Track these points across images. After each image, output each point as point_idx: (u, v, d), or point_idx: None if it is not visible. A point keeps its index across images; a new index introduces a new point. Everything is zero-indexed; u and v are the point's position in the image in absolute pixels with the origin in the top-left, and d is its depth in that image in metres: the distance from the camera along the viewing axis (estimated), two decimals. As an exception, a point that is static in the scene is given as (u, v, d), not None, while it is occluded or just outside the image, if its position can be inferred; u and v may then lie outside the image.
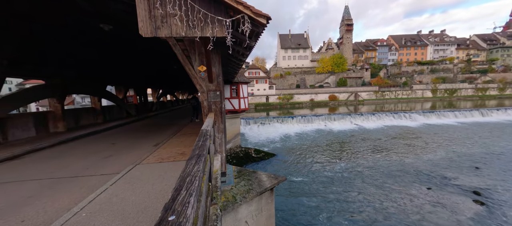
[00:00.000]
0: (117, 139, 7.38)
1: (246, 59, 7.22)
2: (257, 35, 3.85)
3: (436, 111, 34.57)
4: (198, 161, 1.22)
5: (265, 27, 3.49)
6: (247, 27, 3.23)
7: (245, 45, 3.62)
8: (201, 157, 1.32)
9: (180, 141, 6.20)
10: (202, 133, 2.04)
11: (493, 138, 21.12)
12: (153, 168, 4.01)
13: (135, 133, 8.56)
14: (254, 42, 4.24)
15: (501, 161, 15.12)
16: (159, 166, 4.10)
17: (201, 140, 1.76)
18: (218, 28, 3.27)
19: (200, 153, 1.38)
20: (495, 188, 11.25)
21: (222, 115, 4.40)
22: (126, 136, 8.03)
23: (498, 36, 68.96)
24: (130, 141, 6.92)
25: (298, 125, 30.98)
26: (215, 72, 4.18)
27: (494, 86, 55.22)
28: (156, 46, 8.15)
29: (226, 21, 3.22)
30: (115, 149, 5.90)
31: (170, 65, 11.79)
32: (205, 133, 2.04)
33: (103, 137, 8.12)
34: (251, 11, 3.15)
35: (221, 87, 4.33)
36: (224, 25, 3.26)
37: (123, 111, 15.18)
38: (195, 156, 1.33)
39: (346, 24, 62.91)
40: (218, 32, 3.28)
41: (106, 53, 9.94)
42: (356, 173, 13.83)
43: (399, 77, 61.47)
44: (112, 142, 6.91)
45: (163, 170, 3.86)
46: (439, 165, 14.92)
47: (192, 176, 0.99)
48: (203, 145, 1.61)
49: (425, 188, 11.62)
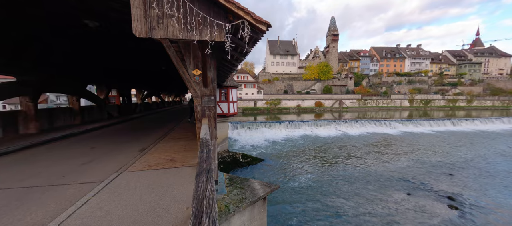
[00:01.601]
0: (97, 143, 6.87)
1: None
2: (255, 42, 3.81)
3: (413, 120, 36.82)
4: (209, 178, 1.11)
5: (264, 34, 3.46)
6: (247, 33, 3.17)
7: (244, 51, 3.56)
8: (211, 173, 1.21)
9: (168, 146, 5.90)
10: (203, 143, 1.91)
11: (463, 146, 22.86)
12: (140, 176, 3.74)
13: (117, 136, 8.04)
14: (251, 48, 4.19)
15: (471, 168, 16.36)
16: (147, 174, 3.83)
17: (205, 151, 1.64)
18: (217, 32, 3.18)
19: (208, 167, 1.27)
20: (466, 194, 12.11)
21: (215, 121, 4.26)
22: (107, 139, 7.51)
23: (466, 52, 75.79)
24: (112, 145, 6.47)
25: (285, 130, 31.32)
26: (210, 77, 4.06)
27: (463, 98, 60.21)
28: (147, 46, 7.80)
29: (225, 25, 3.14)
30: (96, 154, 5.46)
31: (158, 65, 11.35)
32: (206, 143, 1.91)
33: (82, 140, 7.53)
34: (252, 18, 3.11)
35: (216, 93, 4.20)
36: (223, 29, 3.18)
37: (104, 113, 14.30)
38: (203, 171, 1.22)
39: (332, 34, 65.50)
40: (217, 36, 3.18)
41: (89, 50, 9.34)
42: (341, 178, 14.16)
43: (380, 87, 64.89)
44: (92, 145, 6.41)
45: (151, 179, 3.60)
46: (417, 171, 15.77)
47: (208, 197, 0.89)
48: (208, 157, 1.49)
49: (405, 193, 12.19)
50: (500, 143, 24.18)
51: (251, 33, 3.21)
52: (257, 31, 3.33)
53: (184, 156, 4.81)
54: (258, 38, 3.53)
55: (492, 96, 60.70)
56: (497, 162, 17.38)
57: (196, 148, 5.40)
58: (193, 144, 5.98)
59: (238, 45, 4.08)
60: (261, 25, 3.17)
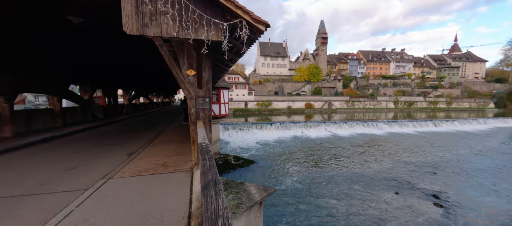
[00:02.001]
0: (81, 146, 6.44)
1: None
2: (252, 42, 3.72)
3: (398, 121, 38.27)
4: (218, 191, 0.99)
5: (262, 34, 3.37)
6: (245, 33, 3.07)
7: (242, 51, 3.44)
8: (219, 184, 1.08)
9: (159, 150, 5.63)
10: (203, 149, 1.77)
11: (444, 146, 24.02)
12: (130, 183, 3.49)
13: (103, 139, 7.61)
14: (248, 48, 4.09)
15: (452, 167, 17.20)
16: (137, 180, 3.59)
17: (207, 158, 1.50)
18: (214, 31, 3.05)
19: (214, 177, 1.14)
20: (449, 192, 12.69)
21: (210, 123, 4.11)
22: (92, 142, 7.08)
23: (446, 57, 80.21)
24: (98, 149, 6.09)
25: (276, 132, 31.41)
26: (205, 77, 3.90)
27: (443, 100, 63.57)
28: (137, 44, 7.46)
29: (223, 24, 3.02)
30: (80, 159, 5.10)
31: (147, 65, 10.94)
32: (206, 148, 1.77)
33: (64, 143, 7.04)
34: (250, 17, 3.01)
35: (210, 94, 4.05)
36: (220, 28, 3.06)
37: (88, 114, 13.58)
38: (210, 183, 1.09)
39: (322, 37, 66.90)
40: (213, 35, 3.05)
41: (72, 47, 8.80)
42: (333, 179, 14.35)
43: (367, 89, 67.02)
44: (76, 150, 6.00)
45: (142, 186, 3.38)
46: (403, 170, 16.33)
47: (223, 217, 0.77)
48: (212, 165, 1.36)
49: (393, 193, 12.55)
50: (477, 143, 25.64)
51: (249, 33, 3.11)
52: (255, 31, 3.23)
53: (176, 160, 4.60)
54: (255, 38, 3.44)
55: (469, 98, 64.58)
56: (473, 161, 18.39)
57: (188, 151, 5.20)
58: (185, 147, 5.76)
59: (234, 45, 3.97)
60: (260, 25, 3.08)
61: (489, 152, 21.02)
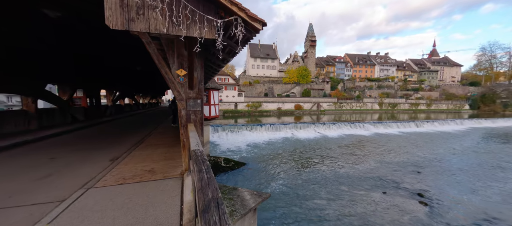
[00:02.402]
0: (58, 152, 5.91)
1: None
2: (247, 41, 3.55)
3: (383, 122, 39.69)
4: (222, 217, 0.80)
5: (258, 32, 3.22)
6: (240, 32, 2.89)
7: (237, 50, 3.27)
8: (222, 206, 0.90)
9: (146, 154, 5.27)
10: (198, 158, 1.54)
11: (426, 146, 25.21)
12: (113, 193, 3.17)
13: (84, 143, 7.07)
14: (242, 48, 3.92)
15: (434, 166, 18.03)
16: (121, 190, 3.27)
17: (204, 169, 1.28)
18: (207, 28, 2.85)
19: (216, 196, 0.94)
20: (433, 190, 13.25)
21: (202, 126, 3.88)
22: (71, 147, 6.53)
23: (426, 61, 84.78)
24: (76, 155, 5.60)
25: (266, 133, 31.41)
26: (196, 78, 3.68)
27: (423, 102, 67.00)
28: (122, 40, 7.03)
29: (217, 21, 2.82)
30: (56, 166, 4.64)
31: (133, 64, 10.40)
32: (202, 157, 1.55)
33: (39, 148, 6.44)
34: (246, 15, 2.84)
35: (202, 95, 3.83)
36: (214, 26, 2.86)
37: (68, 116, 12.69)
38: (211, 204, 0.90)
39: (310, 40, 68.16)
40: (207, 33, 2.85)
41: (49, 43, 8.14)
42: (323, 180, 14.49)
43: (353, 91, 69.09)
44: (51, 155, 5.47)
45: (127, 196, 3.07)
46: (390, 170, 16.87)
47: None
48: (210, 179, 1.16)
49: (381, 192, 12.88)
50: (454, 143, 27.14)
51: (244, 32, 2.94)
52: (251, 29, 3.07)
53: (165, 166, 4.30)
54: (251, 37, 3.27)
55: (447, 100, 68.60)
56: (452, 160, 19.39)
57: (178, 156, 4.91)
58: (174, 151, 5.45)
59: (228, 44, 3.78)
60: (256, 23, 2.92)
61: (465, 152, 22.30)
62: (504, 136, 32.47)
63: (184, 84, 3.64)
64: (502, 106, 62.44)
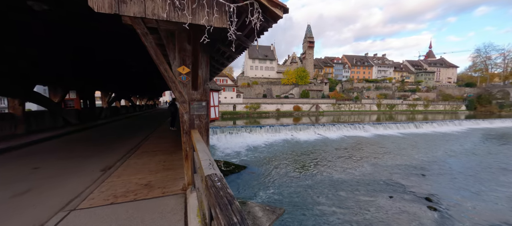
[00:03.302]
0: (44, 160, 5.29)
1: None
2: (262, 32, 3.04)
3: (383, 123, 39.51)
4: None
5: (276, 22, 2.70)
6: (257, 19, 2.37)
7: (248, 44, 2.74)
8: None
9: (142, 163, 4.69)
10: (220, 197, 0.97)
11: (428, 147, 24.96)
12: (100, 217, 2.59)
13: (74, 150, 6.45)
14: (251, 43, 3.40)
15: (438, 168, 17.70)
16: (110, 212, 2.69)
17: (226, 198, 0.77)
18: (217, 14, 2.32)
19: None
20: (440, 194, 12.87)
21: (208, 133, 3.34)
22: (59, 154, 5.91)
23: (422, 63, 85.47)
24: (63, 164, 5.00)
25: (266, 135, 30.97)
26: (201, 76, 3.14)
27: (421, 103, 67.32)
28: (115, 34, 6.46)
29: (229, 6, 2.30)
30: (38, 178, 4.04)
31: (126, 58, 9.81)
32: (227, 195, 0.97)
33: (23, 155, 5.81)
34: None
35: (208, 97, 3.29)
36: (225, 11, 2.34)
37: (59, 119, 12.00)
38: None
39: (308, 41, 68.09)
40: (216, 20, 2.32)
41: (36, 41, 7.52)
42: (326, 184, 14.01)
43: (351, 92, 69.13)
44: (35, 165, 4.86)
45: (117, 220, 2.52)
46: (393, 173, 16.47)
47: None
48: (240, 215, 0.64)
49: (388, 196, 12.45)
50: (454, 144, 26.95)
51: (262, 19, 2.42)
52: (269, 18, 2.55)
53: (164, 178, 3.74)
54: (268, 26, 2.76)
55: (444, 101, 69.06)
56: (453, 163, 19.10)
57: (179, 165, 4.35)
58: (174, 159, 4.89)
59: (238, 38, 3.26)
60: (277, 8, 2.40)
61: (467, 153, 22.06)
62: (503, 136, 32.53)
63: (187, 84, 3.10)
64: (498, 107, 63.09)
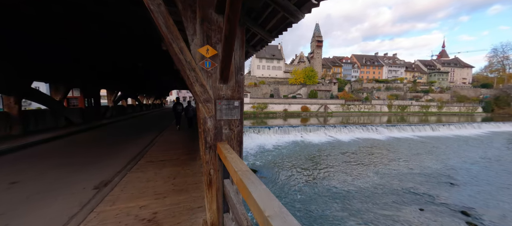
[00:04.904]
0: (28, 170, 4.38)
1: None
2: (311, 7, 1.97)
3: (397, 125, 37.75)
4: None
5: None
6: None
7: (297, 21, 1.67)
8: None
9: (146, 180, 3.67)
10: None
11: (450, 152, 23.25)
12: None
13: (69, 156, 5.55)
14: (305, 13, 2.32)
15: (467, 176, 16.14)
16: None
17: None
18: None
19: None
20: (478, 207, 11.44)
21: (241, 147, 2.29)
22: (49, 162, 5.02)
23: (435, 62, 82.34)
24: (52, 175, 4.07)
25: (275, 136, 29.97)
26: (235, 63, 2.10)
27: (434, 104, 64.66)
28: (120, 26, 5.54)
29: None
30: (10, 199, 3.10)
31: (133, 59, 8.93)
32: None
33: (8, 162, 4.94)
34: None
35: (242, 93, 2.24)
36: None
37: (61, 119, 11.27)
38: None
39: (317, 40, 66.51)
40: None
41: (35, 32, 6.69)
42: (344, 191, 12.79)
43: (361, 93, 67.10)
44: (15, 177, 3.94)
45: None
46: (417, 180, 15.07)
47: None
48: None
49: (417, 208, 11.13)
50: (479, 149, 25.03)
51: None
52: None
53: (175, 207, 2.72)
54: None
55: (459, 103, 66.13)
56: (483, 170, 17.43)
57: (194, 185, 3.33)
58: (187, 174, 3.87)
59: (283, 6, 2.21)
60: None
61: (496, 160, 20.24)
62: (530, 141, 30.30)
63: (212, 73, 2.06)
64: (518, 109, 59.85)
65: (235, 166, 1.46)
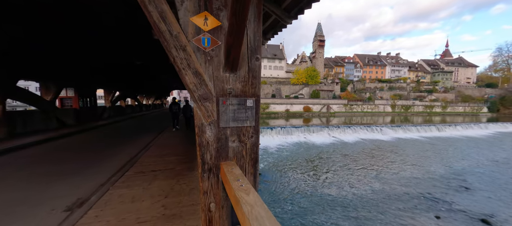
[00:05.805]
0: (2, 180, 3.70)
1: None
2: None
3: (402, 125, 36.93)
4: None
5: None
6: None
7: None
8: None
9: (130, 199, 2.95)
10: None
11: (459, 154, 22.38)
12: None
13: (48, 164, 4.86)
14: None
15: (482, 179, 15.30)
16: None
17: None
18: None
19: None
20: (498, 214, 10.65)
21: (256, 166, 1.56)
22: (29, 169, 4.34)
23: (439, 62, 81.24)
24: (21, 188, 3.38)
25: (277, 137, 29.31)
26: (248, 41, 1.36)
27: (438, 104, 63.65)
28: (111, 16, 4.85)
29: None
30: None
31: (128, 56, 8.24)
32: None
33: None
34: None
35: (259, 87, 1.51)
36: None
37: (52, 120, 10.61)
38: None
39: (319, 39, 65.71)
40: None
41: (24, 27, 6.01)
42: (351, 197, 12.02)
43: (364, 93, 66.22)
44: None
45: None
46: (429, 184, 14.28)
47: None
48: None
49: (434, 216, 10.35)
50: (488, 150, 24.18)
51: None
52: None
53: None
54: None
55: (463, 103, 65.10)
56: (497, 173, 16.56)
57: (190, 206, 2.61)
58: (182, 190, 3.16)
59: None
60: None
61: (506, 162, 19.33)
62: (541, 142, 29.35)
63: (213, 55, 1.34)
64: (525, 109, 58.77)
65: (248, 210, 0.75)
